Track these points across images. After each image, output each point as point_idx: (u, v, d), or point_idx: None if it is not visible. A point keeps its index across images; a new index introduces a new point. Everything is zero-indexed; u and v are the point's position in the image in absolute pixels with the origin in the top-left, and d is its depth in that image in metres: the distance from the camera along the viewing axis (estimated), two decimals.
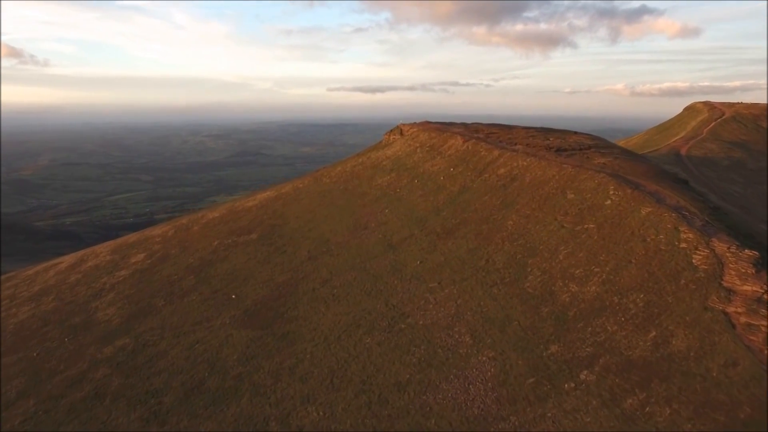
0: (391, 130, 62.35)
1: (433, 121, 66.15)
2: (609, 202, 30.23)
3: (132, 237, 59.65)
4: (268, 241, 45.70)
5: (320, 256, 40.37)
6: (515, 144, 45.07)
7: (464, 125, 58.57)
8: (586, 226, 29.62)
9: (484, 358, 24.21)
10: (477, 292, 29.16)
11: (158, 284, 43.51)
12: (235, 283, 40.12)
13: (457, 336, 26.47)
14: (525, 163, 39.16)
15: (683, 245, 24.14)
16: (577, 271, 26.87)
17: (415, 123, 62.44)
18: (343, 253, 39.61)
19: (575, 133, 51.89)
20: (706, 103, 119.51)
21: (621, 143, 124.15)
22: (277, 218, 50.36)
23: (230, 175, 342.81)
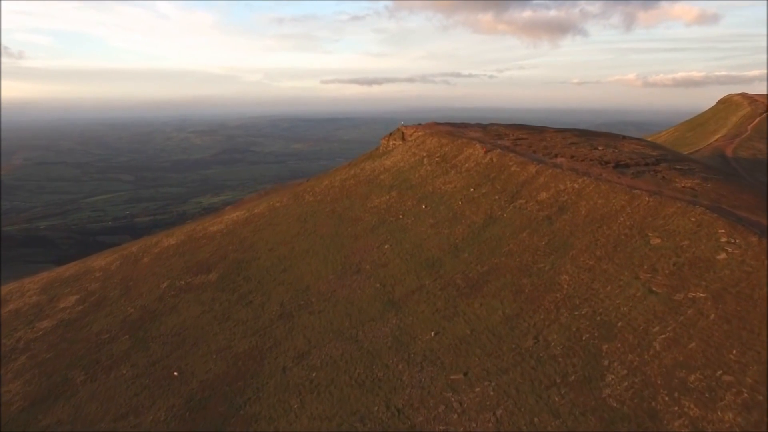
0: (391, 134, 52.82)
1: (442, 121, 56.87)
2: (723, 255, 20.91)
3: (70, 268, 50.21)
4: (231, 286, 36.30)
5: (296, 312, 31.02)
6: (554, 155, 35.72)
7: (482, 127, 49.09)
8: (691, 294, 20.31)
9: None
10: (526, 396, 19.84)
11: (83, 345, 34.15)
12: (180, 351, 30.77)
13: None
14: (576, 186, 29.81)
15: None
16: (693, 378, 17.56)
17: (419, 125, 52.94)
18: (327, 309, 30.26)
19: (624, 137, 42.62)
20: (744, 96, 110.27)
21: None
22: (245, 250, 40.92)
23: (217, 174, 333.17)
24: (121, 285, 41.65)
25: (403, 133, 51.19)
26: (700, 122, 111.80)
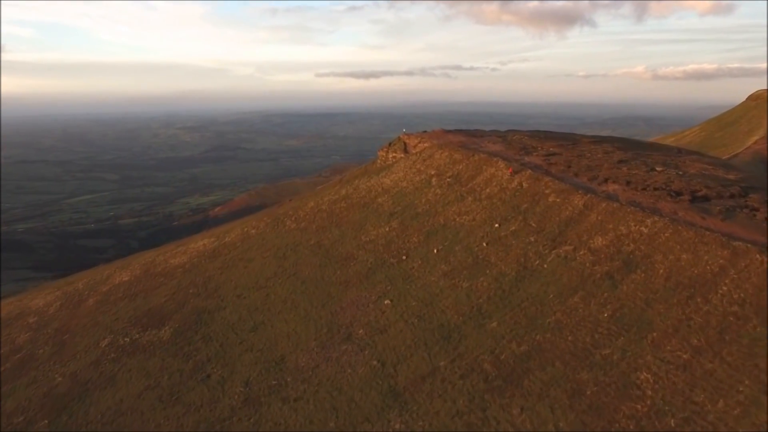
0: (390, 144, 45.50)
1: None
2: None
3: (3, 308, 42.88)
4: (186, 349, 29.05)
5: (266, 397, 23.79)
6: (604, 179, 28.51)
7: (501, 137, 41.70)
8: None
9: None
10: None
11: None
12: None
13: None
14: (645, 230, 22.63)
15: None
16: None
17: (425, 132, 45.61)
18: (306, 396, 23.03)
19: (679, 150, 35.46)
20: None
21: (670, 141, 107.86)
22: (208, 296, 33.66)
23: (206, 173, 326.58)
24: (54, 338, 34.40)
25: (405, 143, 43.79)
26: (730, 121, 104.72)
